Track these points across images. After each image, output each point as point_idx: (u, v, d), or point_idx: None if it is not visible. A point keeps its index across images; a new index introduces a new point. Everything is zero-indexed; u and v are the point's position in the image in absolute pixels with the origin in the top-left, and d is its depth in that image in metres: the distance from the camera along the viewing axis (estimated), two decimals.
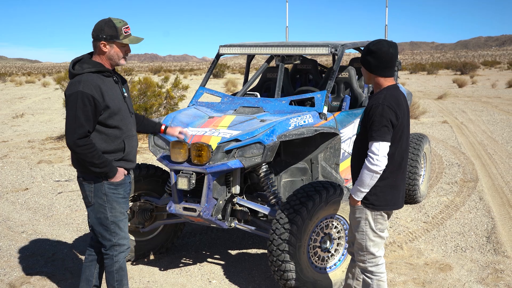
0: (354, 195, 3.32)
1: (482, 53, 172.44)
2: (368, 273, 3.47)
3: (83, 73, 3.34)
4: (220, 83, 32.11)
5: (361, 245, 3.43)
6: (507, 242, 5.32)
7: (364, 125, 3.30)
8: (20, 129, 14.34)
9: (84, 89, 3.25)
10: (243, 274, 4.67)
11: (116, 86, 3.48)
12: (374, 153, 3.16)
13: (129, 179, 3.61)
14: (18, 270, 4.80)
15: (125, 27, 3.40)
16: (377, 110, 3.17)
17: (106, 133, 3.39)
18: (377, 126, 3.15)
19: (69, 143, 3.28)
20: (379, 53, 3.24)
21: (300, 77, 6.55)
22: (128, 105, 3.56)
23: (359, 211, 3.37)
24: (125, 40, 3.41)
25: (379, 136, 3.15)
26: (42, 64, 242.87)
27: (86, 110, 3.25)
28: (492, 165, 8.72)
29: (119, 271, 3.58)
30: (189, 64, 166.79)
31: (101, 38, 3.37)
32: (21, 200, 7.12)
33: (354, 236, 3.50)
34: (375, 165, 3.15)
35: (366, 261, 3.45)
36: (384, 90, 3.29)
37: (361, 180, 3.23)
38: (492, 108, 17.21)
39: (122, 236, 3.55)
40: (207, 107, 5.21)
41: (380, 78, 3.31)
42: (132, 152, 3.56)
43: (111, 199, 3.46)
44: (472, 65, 48.47)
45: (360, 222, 3.39)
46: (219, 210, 4.23)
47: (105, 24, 3.37)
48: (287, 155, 4.87)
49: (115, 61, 3.45)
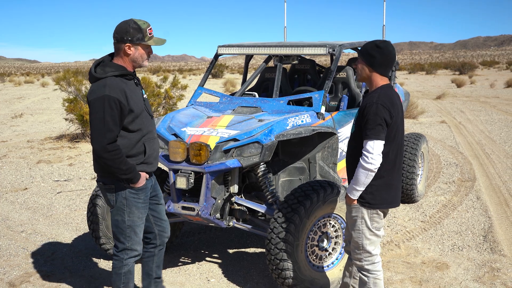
0: (350, 194, 3.35)
1: (481, 53, 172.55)
2: (365, 271, 3.49)
3: (106, 76, 3.28)
4: (219, 83, 32.13)
5: (358, 243, 3.46)
6: (503, 241, 5.35)
7: (358, 124, 3.33)
8: (19, 129, 14.35)
9: (110, 93, 3.20)
10: (241, 273, 4.70)
11: (137, 89, 3.46)
12: (368, 151, 3.18)
13: (151, 183, 3.58)
14: (17, 269, 4.82)
15: (149, 29, 3.36)
16: (371, 109, 3.21)
17: (128, 137, 3.35)
18: (371, 124, 3.19)
19: (97, 148, 3.21)
20: (385, 51, 3.29)
21: (298, 77, 6.58)
22: (147, 107, 3.53)
23: (355, 209, 3.40)
24: (150, 42, 3.36)
25: (373, 135, 3.18)
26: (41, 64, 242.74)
27: (113, 114, 3.20)
28: (490, 165, 8.75)
29: (127, 274, 3.57)
30: (188, 64, 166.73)
31: (126, 40, 3.30)
32: (20, 200, 7.15)
33: (351, 234, 3.53)
34: (369, 163, 3.18)
35: (362, 259, 3.48)
36: (379, 89, 3.32)
37: (357, 178, 3.26)
38: (491, 108, 17.25)
39: (136, 241, 3.54)
40: (205, 107, 5.23)
41: (377, 76, 3.34)
42: (153, 155, 3.52)
43: (130, 203, 3.45)
44: (470, 65, 48.54)
45: (357, 221, 3.42)
46: (217, 209, 4.26)
47: (130, 26, 3.31)
48: (285, 154, 4.90)
49: (139, 63, 3.41)
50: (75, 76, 13.14)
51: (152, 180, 3.63)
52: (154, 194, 3.70)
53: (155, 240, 3.75)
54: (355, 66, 3.43)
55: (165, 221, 3.79)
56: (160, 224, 3.75)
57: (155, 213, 3.72)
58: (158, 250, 3.79)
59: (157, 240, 3.76)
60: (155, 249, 3.77)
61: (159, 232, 3.75)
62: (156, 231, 3.74)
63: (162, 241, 3.78)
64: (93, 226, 4.76)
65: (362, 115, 3.26)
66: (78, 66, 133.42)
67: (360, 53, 3.41)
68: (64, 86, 12.77)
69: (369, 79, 3.37)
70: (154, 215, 3.71)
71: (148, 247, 3.78)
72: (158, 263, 3.82)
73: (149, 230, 3.74)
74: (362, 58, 3.36)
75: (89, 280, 4.57)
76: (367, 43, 3.44)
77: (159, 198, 3.75)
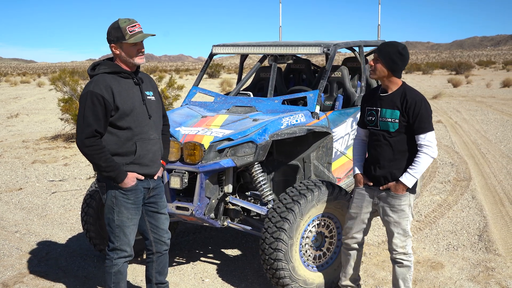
0: (409, 182, 3.56)
1: (477, 53, 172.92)
2: (408, 255, 3.72)
3: (98, 74, 3.35)
4: (215, 83, 32.11)
5: (405, 230, 3.68)
6: (498, 240, 5.35)
7: (405, 120, 3.52)
8: (15, 129, 14.31)
9: (94, 89, 3.25)
10: (236, 273, 4.69)
11: (136, 88, 3.44)
12: (432, 141, 3.51)
13: (147, 186, 3.52)
14: (11, 269, 4.80)
15: (130, 26, 3.35)
16: (423, 103, 3.50)
17: (117, 134, 3.36)
18: (427, 117, 3.50)
19: (77, 142, 3.29)
20: (407, 58, 3.55)
21: (294, 76, 6.57)
22: (148, 107, 3.48)
23: (405, 198, 3.62)
24: (131, 39, 3.35)
25: (431, 127, 3.53)
26: (37, 64, 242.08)
27: (95, 110, 3.24)
28: (485, 164, 8.77)
29: (117, 274, 3.55)
30: (185, 64, 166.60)
31: (110, 41, 3.38)
32: (15, 200, 7.12)
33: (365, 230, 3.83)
34: (434, 152, 3.52)
35: (407, 245, 3.71)
36: (406, 85, 3.61)
37: (422, 168, 3.53)
38: (487, 108, 17.29)
39: (125, 242, 3.51)
40: (200, 107, 5.22)
41: (396, 78, 3.59)
42: (147, 156, 3.46)
43: (119, 203, 3.43)
44: (467, 65, 48.62)
45: (405, 209, 3.64)
46: (211, 209, 4.25)
47: (112, 27, 3.37)
48: (279, 154, 4.89)
49: (130, 61, 3.41)
50: (70, 76, 13.10)
51: (150, 183, 3.55)
52: (154, 201, 3.63)
53: (151, 247, 3.72)
54: (371, 63, 3.54)
55: (163, 230, 3.70)
56: (157, 232, 3.69)
57: (153, 220, 3.66)
58: (156, 257, 3.75)
59: (153, 247, 3.72)
60: (153, 256, 3.75)
61: (154, 240, 3.70)
62: (151, 238, 3.70)
63: (158, 249, 3.72)
64: (87, 226, 4.74)
65: (413, 110, 3.48)
66: (74, 66, 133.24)
67: (380, 54, 3.54)
68: (59, 86, 12.73)
69: (388, 79, 3.59)
70: (151, 222, 3.67)
71: (147, 252, 3.77)
72: (158, 269, 3.78)
73: (144, 236, 3.72)
74: (383, 61, 3.52)
75: (83, 281, 4.55)
76: (388, 45, 3.56)
77: (160, 207, 3.67)
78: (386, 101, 3.58)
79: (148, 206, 3.62)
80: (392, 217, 3.66)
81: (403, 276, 3.75)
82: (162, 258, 3.77)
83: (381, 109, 3.60)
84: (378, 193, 3.70)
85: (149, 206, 3.62)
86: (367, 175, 3.75)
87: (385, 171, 3.62)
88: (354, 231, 3.84)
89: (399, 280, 3.77)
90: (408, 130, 3.54)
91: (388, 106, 3.57)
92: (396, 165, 3.60)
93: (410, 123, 3.51)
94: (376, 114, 3.63)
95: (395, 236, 3.69)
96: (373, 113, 3.65)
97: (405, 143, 3.56)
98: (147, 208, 3.63)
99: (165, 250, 3.76)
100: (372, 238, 5.47)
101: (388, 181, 3.63)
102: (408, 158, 3.59)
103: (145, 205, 3.61)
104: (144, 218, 3.64)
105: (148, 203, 3.61)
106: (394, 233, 3.68)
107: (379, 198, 3.70)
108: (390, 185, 3.61)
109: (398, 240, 3.69)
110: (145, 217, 3.64)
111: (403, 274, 3.75)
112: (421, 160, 3.51)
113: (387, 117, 3.57)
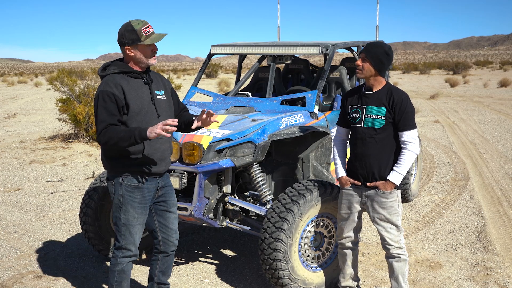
0: (396, 179, 3.63)
1: (475, 53, 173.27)
2: (402, 249, 3.79)
3: (108, 74, 3.38)
4: (213, 83, 32.10)
5: (396, 224, 3.75)
6: (496, 240, 5.37)
7: (391, 116, 3.60)
8: (12, 129, 14.28)
9: (105, 88, 3.31)
10: (235, 273, 4.69)
11: (145, 87, 3.46)
12: (415, 138, 3.62)
13: (155, 185, 3.53)
14: (9, 270, 4.79)
15: (144, 28, 3.36)
16: (408, 101, 3.62)
17: None
18: (411, 115, 3.61)
19: (97, 140, 3.34)
20: (391, 58, 3.66)
21: (292, 77, 6.58)
22: (157, 106, 3.48)
23: (392, 194, 3.69)
24: (147, 41, 3.36)
25: (415, 124, 3.64)
26: (34, 64, 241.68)
27: (107, 106, 3.28)
28: (483, 164, 8.78)
29: (120, 273, 3.56)
30: (182, 64, 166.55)
31: (125, 44, 3.38)
32: (13, 200, 7.11)
33: (357, 228, 3.88)
34: (417, 148, 3.63)
35: (400, 240, 3.78)
36: (390, 85, 3.71)
37: (407, 165, 3.62)
38: (484, 108, 17.31)
39: (130, 241, 3.52)
40: (198, 107, 5.22)
41: (381, 77, 3.68)
42: (156, 155, 3.46)
43: (126, 201, 3.45)
44: (464, 65, 48.67)
45: (394, 204, 3.72)
46: (210, 209, 4.25)
47: (125, 29, 3.37)
48: (278, 154, 4.90)
49: (144, 62, 3.43)
50: (68, 76, 13.07)
51: (158, 182, 3.56)
52: (163, 199, 3.65)
53: (159, 246, 3.74)
54: (359, 63, 3.59)
55: (172, 230, 3.72)
56: (166, 232, 3.70)
57: (162, 219, 3.68)
58: (162, 256, 3.76)
59: (161, 246, 3.73)
60: (159, 255, 3.76)
61: (163, 239, 3.71)
62: (160, 238, 3.71)
63: (166, 249, 3.74)
64: (85, 226, 4.74)
65: (399, 108, 3.58)
66: (72, 66, 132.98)
67: (368, 55, 3.62)
68: (57, 86, 12.71)
69: (373, 78, 3.67)
70: (160, 221, 3.68)
71: (154, 251, 3.79)
72: (161, 269, 3.79)
73: (154, 235, 3.74)
74: (371, 61, 3.60)
75: (82, 281, 4.55)
76: (375, 45, 3.65)
77: (169, 206, 3.68)
78: (372, 98, 3.67)
79: (157, 205, 3.65)
80: (382, 214, 3.73)
81: (402, 271, 3.81)
82: (167, 258, 3.79)
83: (367, 106, 3.68)
84: (365, 191, 3.75)
85: (158, 204, 3.65)
86: (351, 175, 3.80)
87: (372, 168, 3.69)
88: (346, 230, 3.90)
89: (398, 275, 3.81)
90: (392, 127, 3.64)
91: (374, 104, 3.65)
92: (381, 161, 3.68)
93: (395, 120, 3.61)
94: (362, 111, 3.70)
95: (388, 232, 3.75)
96: (358, 111, 3.72)
97: (389, 140, 3.66)
98: (157, 206, 3.65)
99: (172, 251, 3.78)
100: (370, 238, 5.48)
101: (375, 178, 3.69)
102: (393, 153, 3.68)
103: (154, 204, 3.64)
104: (154, 217, 3.67)
105: (158, 201, 3.64)
106: (387, 229, 3.75)
107: (367, 197, 3.75)
108: (378, 184, 3.68)
109: (392, 235, 3.76)
110: (155, 216, 3.67)
111: (401, 268, 3.81)
112: (406, 157, 3.62)
113: (373, 114, 3.65)
